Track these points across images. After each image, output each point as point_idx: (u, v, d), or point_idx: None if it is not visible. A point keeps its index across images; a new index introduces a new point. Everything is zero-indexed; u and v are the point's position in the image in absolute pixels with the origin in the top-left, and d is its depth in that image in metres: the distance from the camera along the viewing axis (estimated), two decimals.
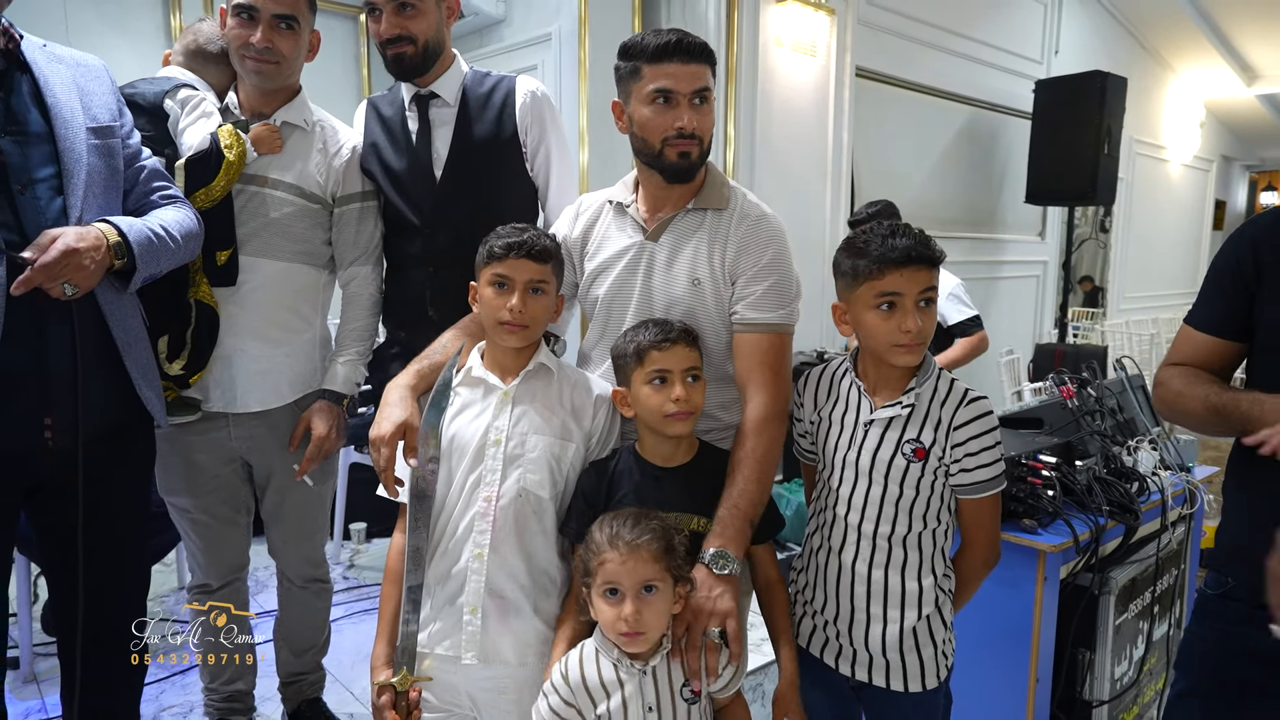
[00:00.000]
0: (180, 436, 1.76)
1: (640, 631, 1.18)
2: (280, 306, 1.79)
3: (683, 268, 1.47)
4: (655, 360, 1.32)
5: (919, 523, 1.33)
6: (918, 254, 1.25)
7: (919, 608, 1.33)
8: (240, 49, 1.71)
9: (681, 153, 1.40)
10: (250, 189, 1.74)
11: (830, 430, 1.40)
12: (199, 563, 1.88)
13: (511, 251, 1.35)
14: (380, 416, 1.36)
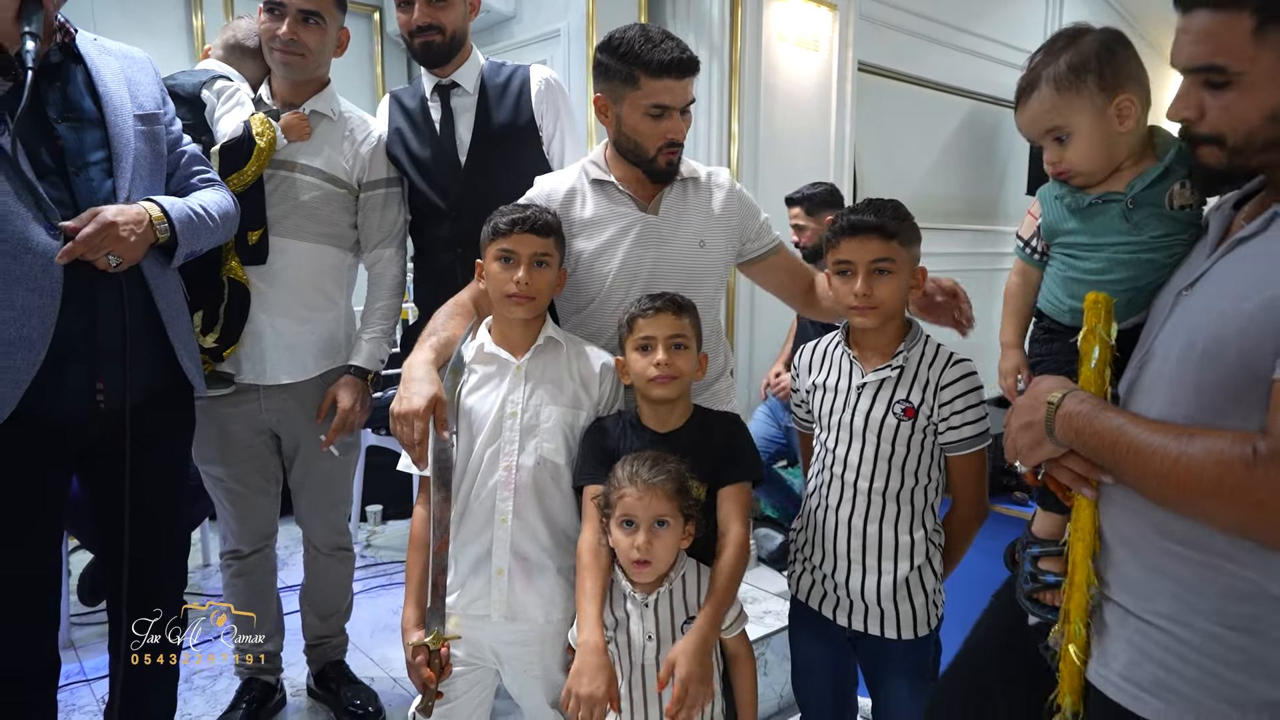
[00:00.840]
0: (215, 409, 1.87)
1: (649, 561, 1.31)
2: (307, 285, 1.90)
3: (689, 233, 1.62)
4: (641, 328, 1.43)
5: (910, 479, 1.42)
6: (864, 225, 1.39)
7: (911, 559, 1.42)
8: (269, 42, 1.82)
9: (669, 160, 1.56)
10: (280, 174, 1.85)
11: (825, 396, 1.50)
12: (232, 529, 1.99)
13: (515, 227, 1.44)
14: (409, 392, 1.42)
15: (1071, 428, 1.00)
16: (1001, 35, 5.40)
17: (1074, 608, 1.06)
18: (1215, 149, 0.97)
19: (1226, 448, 0.85)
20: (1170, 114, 1.01)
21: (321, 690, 2.11)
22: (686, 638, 1.31)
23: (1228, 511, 0.86)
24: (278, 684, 2.09)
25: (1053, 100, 1.12)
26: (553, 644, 1.50)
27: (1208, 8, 0.93)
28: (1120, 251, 1.11)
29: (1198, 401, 0.92)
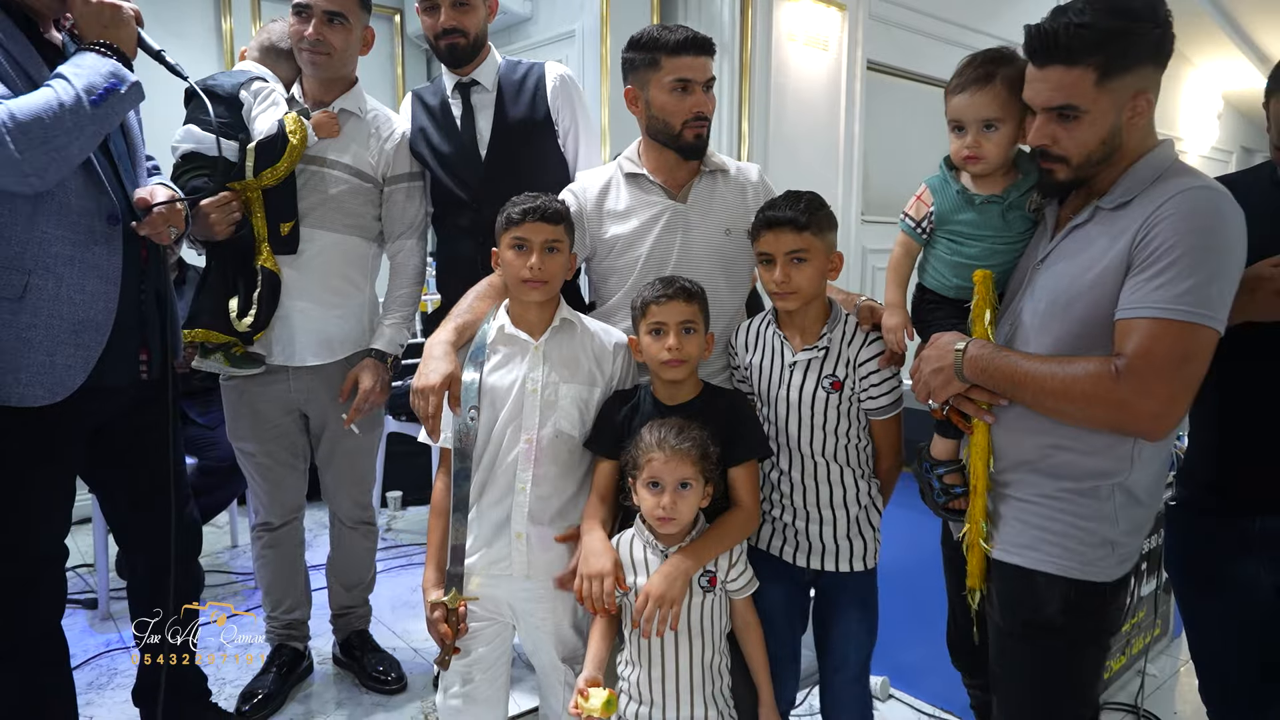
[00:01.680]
0: (248, 388, 2.00)
1: (673, 518, 1.44)
2: (334, 273, 2.01)
3: (716, 221, 1.74)
4: (654, 313, 1.53)
5: (844, 439, 1.59)
6: (779, 219, 1.52)
7: (858, 503, 1.61)
8: (298, 42, 1.94)
9: (697, 134, 1.68)
10: (311, 168, 1.97)
11: (761, 374, 1.64)
12: (263, 502, 2.11)
13: (528, 216, 1.54)
14: (427, 369, 1.52)
15: (977, 366, 1.31)
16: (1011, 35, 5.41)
17: (976, 509, 1.39)
18: (1064, 166, 1.26)
19: (1097, 366, 1.18)
20: (1031, 141, 1.28)
21: (346, 658, 2.23)
22: (667, 562, 1.45)
23: (1102, 412, 1.20)
24: (306, 651, 2.21)
25: (1003, 98, 1.34)
26: (564, 601, 1.61)
27: (1062, 64, 1.20)
28: (997, 242, 1.41)
29: (1059, 345, 1.26)
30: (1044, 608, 1.30)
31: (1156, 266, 1.16)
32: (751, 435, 1.58)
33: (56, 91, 1.37)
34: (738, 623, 1.55)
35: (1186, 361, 1.15)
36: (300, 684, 2.18)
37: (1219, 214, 1.17)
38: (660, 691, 1.48)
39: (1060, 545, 1.29)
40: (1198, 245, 1.14)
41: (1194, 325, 1.14)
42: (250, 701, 2.01)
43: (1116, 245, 1.20)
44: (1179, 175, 1.21)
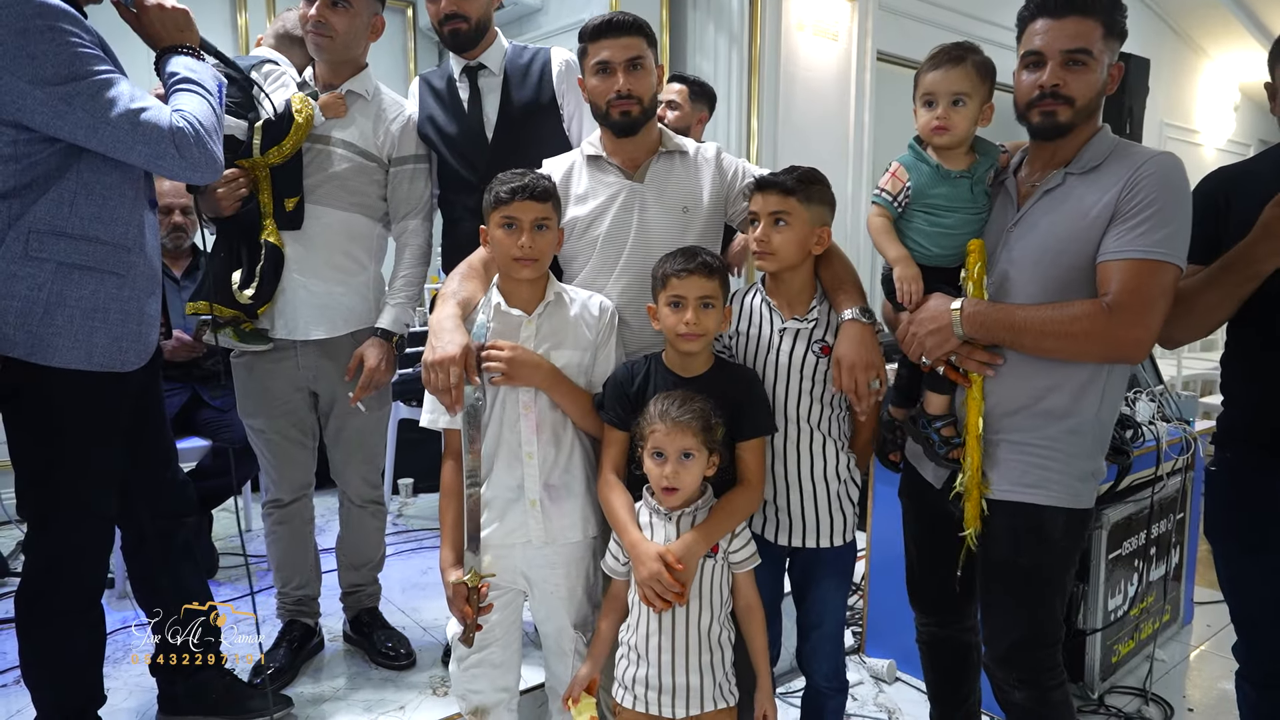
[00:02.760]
0: (258, 365, 2.04)
1: (676, 488, 1.47)
2: (338, 250, 2.04)
3: (672, 200, 1.77)
4: (674, 286, 1.55)
5: (828, 409, 1.64)
6: (767, 182, 1.60)
7: (838, 476, 1.65)
8: (304, 26, 1.98)
9: (623, 111, 1.71)
10: (317, 146, 2.00)
11: (749, 342, 1.68)
12: (273, 478, 2.14)
13: (517, 195, 1.56)
14: (441, 342, 1.53)
15: (976, 321, 1.46)
16: None
17: (972, 455, 1.53)
18: (1068, 107, 1.42)
19: (1089, 307, 1.38)
20: (1046, 82, 1.42)
21: (356, 635, 2.26)
22: (678, 541, 1.47)
23: (1097, 346, 1.39)
24: (316, 627, 2.24)
25: (973, 77, 1.52)
26: (579, 565, 1.66)
27: (1079, 14, 1.40)
28: (967, 213, 1.56)
29: (1047, 288, 1.44)
30: (1051, 536, 1.49)
31: (1140, 216, 1.37)
32: (759, 412, 1.59)
33: (203, 96, 1.58)
34: (740, 604, 1.57)
35: (1164, 295, 1.37)
36: (311, 659, 2.21)
37: (1184, 176, 1.41)
38: (658, 651, 1.50)
39: (1059, 482, 1.47)
40: (1172, 200, 1.37)
41: (1169, 264, 1.36)
42: (263, 674, 2.04)
43: (1104, 198, 1.40)
44: (1136, 146, 1.45)
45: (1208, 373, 6.25)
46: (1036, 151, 1.54)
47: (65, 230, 1.48)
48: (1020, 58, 1.47)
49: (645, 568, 1.46)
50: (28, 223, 1.45)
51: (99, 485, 1.61)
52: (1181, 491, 2.72)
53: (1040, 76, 1.42)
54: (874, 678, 2.49)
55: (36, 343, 1.47)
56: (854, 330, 1.57)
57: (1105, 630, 2.40)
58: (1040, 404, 1.47)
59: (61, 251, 1.48)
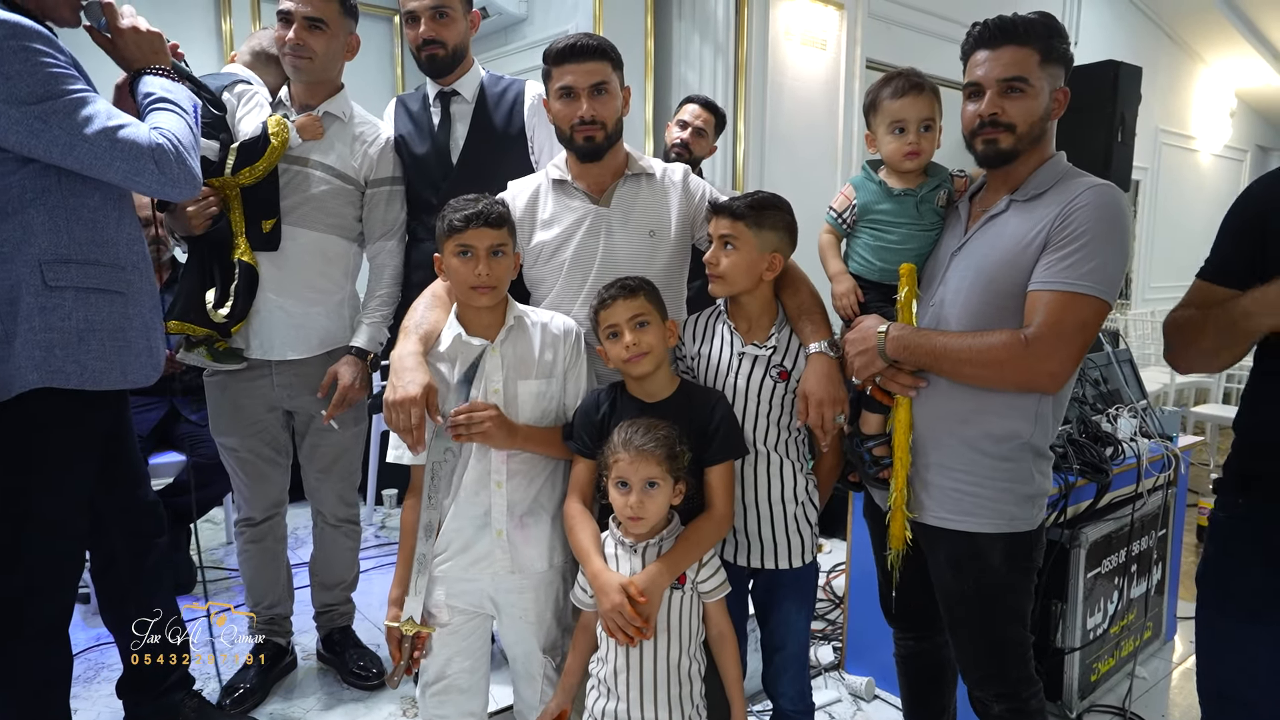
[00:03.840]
0: (231, 383, 2.03)
1: (641, 517, 1.45)
2: (314, 271, 2.04)
3: (639, 224, 1.76)
4: (604, 319, 1.56)
5: (785, 432, 1.65)
6: (718, 205, 1.63)
7: (795, 499, 1.65)
8: (281, 47, 1.97)
9: (586, 137, 1.70)
10: (294, 168, 2.00)
11: (709, 364, 1.68)
12: (245, 497, 2.14)
13: (471, 223, 1.54)
14: (402, 380, 1.52)
15: (900, 345, 1.49)
16: None
17: (898, 478, 1.56)
18: (1009, 134, 1.45)
19: (1009, 337, 1.40)
20: (984, 111, 1.46)
21: (329, 654, 2.25)
22: (642, 572, 1.45)
23: (1014, 376, 1.41)
24: (289, 645, 2.24)
25: (936, 102, 1.59)
26: (548, 590, 1.65)
27: (1015, 44, 1.44)
28: (913, 229, 1.61)
29: (979, 312, 1.46)
30: (989, 563, 1.51)
31: (1070, 247, 1.38)
32: (728, 435, 1.58)
33: (179, 115, 1.59)
34: (712, 633, 1.56)
35: (1084, 329, 1.37)
36: (283, 679, 2.20)
37: (1120, 208, 1.40)
38: (626, 686, 1.49)
39: (992, 509, 1.49)
40: (1104, 232, 1.37)
41: (1094, 299, 1.37)
42: (232, 695, 2.04)
43: (1037, 227, 1.42)
44: (1081, 175, 1.45)
45: (1201, 381, 6.24)
46: (991, 178, 1.57)
47: (70, 256, 1.49)
48: (963, 89, 1.51)
49: (608, 600, 1.44)
50: (34, 254, 1.46)
51: (72, 507, 1.60)
52: (1163, 508, 2.70)
53: (980, 106, 1.46)
54: (852, 695, 2.49)
55: (84, 370, 1.51)
56: (820, 365, 1.57)
57: (1084, 649, 2.39)
58: (969, 429, 1.49)
59: (74, 277, 1.50)
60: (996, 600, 1.53)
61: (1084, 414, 2.54)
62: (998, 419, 1.47)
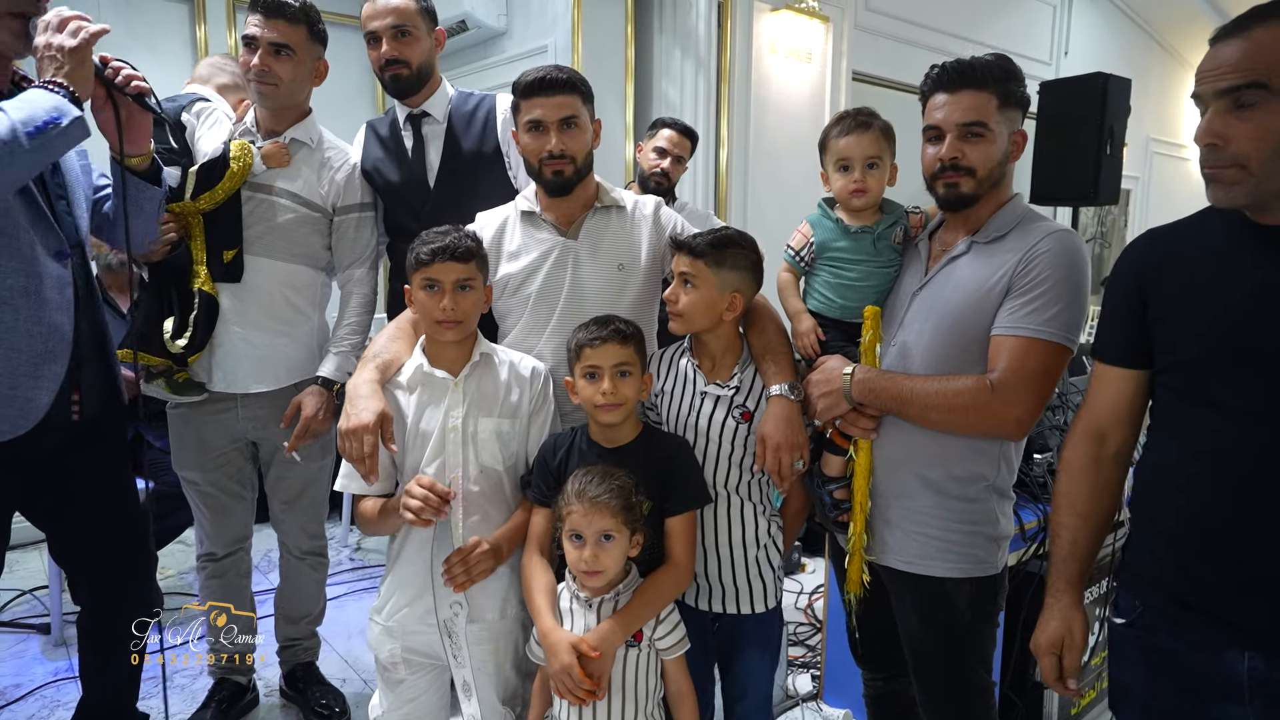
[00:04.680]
0: (194, 416, 1.98)
1: (597, 571, 1.40)
2: (280, 301, 1.99)
3: (607, 257, 1.72)
4: (588, 357, 1.50)
5: (747, 474, 1.60)
6: (679, 242, 1.61)
7: (757, 541, 1.62)
8: (246, 73, 1.92)
9: (555, 171, 1.67)
10: (259, 196, 1.94)
11: (671, 401, 1.65)
12: (207, 532, 2.08)
13: (438, 256, 1.51)
14: (356, 409, 1.49)
15: (865, 388, 1.47)
16: (1006, 44, 5.36)
17: (858, 523, 1.54)
18: (970, 178, 1.44)
19: (974, 383, 1.39)
20: (945, 155, 1.44)
21: (292, 691, 2.21)
22: (594, 630, 1.40)
23: (980, 422, 1.40)
24: (249, 684, 2.19)
25: (880, 142, 1.58)
26: (507, 640, 1.60)
27: (973, 88, 1.43)
28: (871, 266, 1.60)
29: (941, 356, 1.45)
30: (956, 607, 1.49)
31: (1033, 293, 1.37)
32: (690, 484, 1.54)
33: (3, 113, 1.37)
34: (670, 689, 1.51)
35: (1048, 375, 1.37)
36: (243, 718, 2.15)
37: (1081, 254, 1.40)
38: None
39: (958, 552, 1.48)
40: (1065, 278, 1.37)
41: (1058, 345, 1.36)
42: None
43: (999, 271, 1.42)
44: (1040, 219, 1.46)
45: None
46: (950, 218, 1.56)
47: None
48: (923, 132, 1.49)
49: (557, 660, 1.39)
50: None
51: None
52: None
53: (941, 150, 1.45)
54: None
55: None
56: (780, 408, 1.53)
57: None
58: (933, 471, 1.48)
59: None
60: (962, 646, 1.52)
61: None
62: (962, 462, 1.47)
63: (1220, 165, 1.09)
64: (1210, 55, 1.10)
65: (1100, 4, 6.20)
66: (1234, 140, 1.07)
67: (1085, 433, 1.31)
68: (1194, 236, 1.21)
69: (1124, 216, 7.09)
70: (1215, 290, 1.14)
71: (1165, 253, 1.23)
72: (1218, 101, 1.08)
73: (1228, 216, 1.15)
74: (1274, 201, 1.09)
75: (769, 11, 3.80)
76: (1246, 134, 1.05)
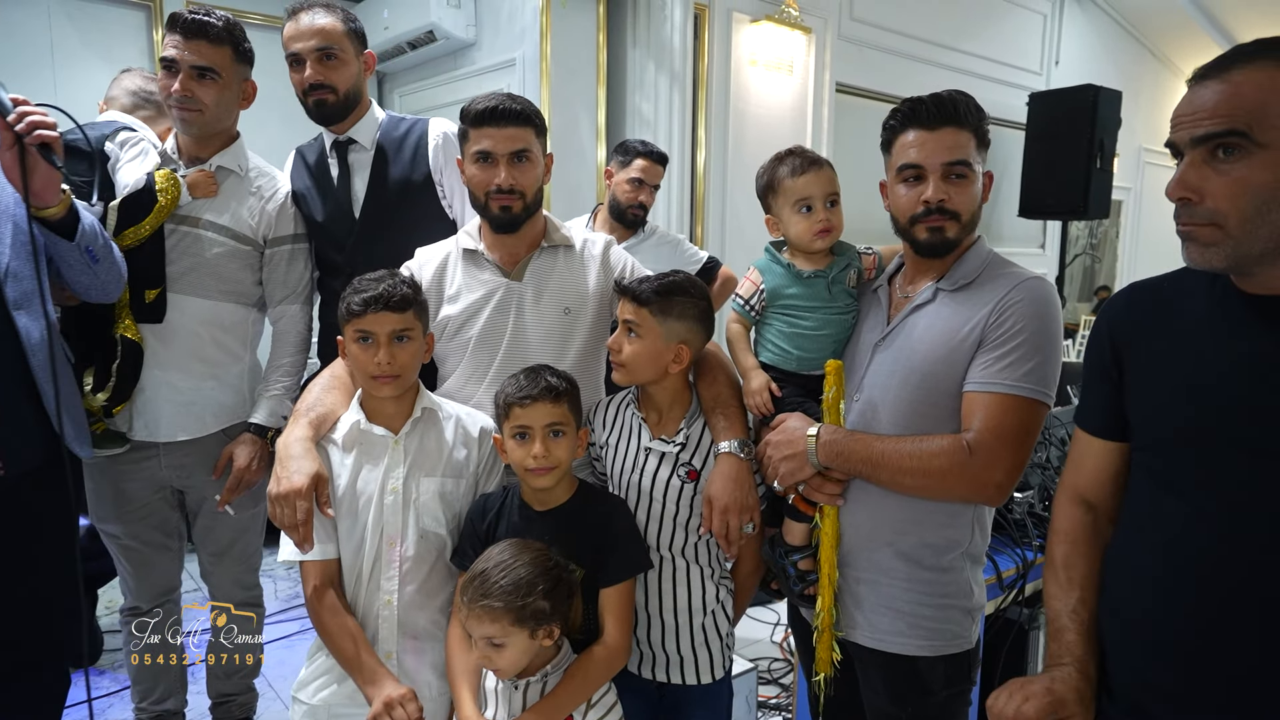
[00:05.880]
0: (111, 466, 1.84)
1: (499, 668, 1.29)
2: (206, 342, 1.86)
3: (553, 300, 1.61)
4: (517, 416, 1.38)
5: (694, 535, 1.49)
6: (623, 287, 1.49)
7: (704, 608, 1.51)
8: (166, 98, 1.79)
9: (503, 206, 1.56)
10: (183, 229, 1.81)
11: (615, 455, 1.54)
12: (130, 586, 1.96)
13: (370, 306, 1.39)
14: (287, 471, 1.37)
15: (833, 451, 1.36)
16: (995, 53, 5.28)
17: (824, 596, 1.42)
18: (955, 223, 1.34)
19: (950, 444, 1.27)
20: (930, 198, 1.33)
21: None
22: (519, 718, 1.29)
23: (959, 486, 1.29)
24: None
25: (836, 177, 1.52)
26: (447, 710, 1.49)
27: (954, 125, 1.33)
28: (828, 312, 1.50)
29: (911, 412, 1.34)
30: (930, 688, 1.39)
31: (1006, 347, 1.28)
32: (627, 550, 1.43)
33: None
34: None
35: (1027, 433, 1.27)
36: None
37: (1054, 304, 1.32)
38: None
39: (932, 628, 1.37)
40: (1039, 329, 1.27)
41: (1035, 401, 1.27)
42: None
43: (970, 323, 1.32)
44: (1008, 265, 1.37)
45: None
46: (915, 262, 1.45)
47: None
48: (895, 170, 1.38)
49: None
50: None
51: None
52: None
53: (924, 191, 1.33)
54: None
55: None
56: (729, 467, 1.42)
57: None
58: (905, 540, 1.37)
59: None
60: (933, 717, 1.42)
61: (1046, 481, 2.40)
62: (936, 528, 1.36)
63: (1195, 223, 0.97)
64: (1187, 99, 0.98)
65: (1091, 12, 6.11)
66: (1209, 195, 0.94)
67: (1074, 499, 1.20)
68: (1173, 297, 1.09)
69: (1115, 228, 7.00)
70: (1188, 366, 1.03)
71: (1141, 316, 1.12)
72: (1194, 150, 0.96)
73: (1210, 277, 1.04)
74: (1256, 266, 0.96)
75: (749, 23, 3.70)
76: (1223, 189, 0.93)
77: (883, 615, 1.39)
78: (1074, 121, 4.94)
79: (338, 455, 1.47)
